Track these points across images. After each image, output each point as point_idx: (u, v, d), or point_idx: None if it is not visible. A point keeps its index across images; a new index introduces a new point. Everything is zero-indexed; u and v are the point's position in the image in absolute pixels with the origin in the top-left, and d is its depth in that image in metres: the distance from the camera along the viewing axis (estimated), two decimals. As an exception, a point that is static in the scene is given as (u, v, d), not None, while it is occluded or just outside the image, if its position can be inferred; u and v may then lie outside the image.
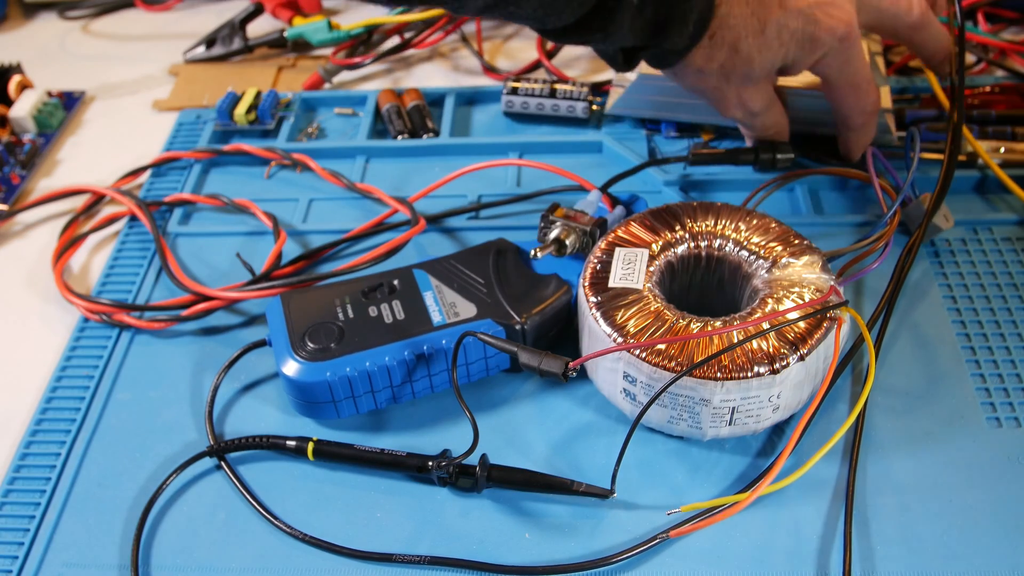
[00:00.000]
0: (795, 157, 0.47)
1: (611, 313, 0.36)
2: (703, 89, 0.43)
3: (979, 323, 0.41)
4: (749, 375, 0.33)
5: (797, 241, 0.38)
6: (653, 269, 0.38)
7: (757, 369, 0.33)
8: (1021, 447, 0.36)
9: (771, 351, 0.33)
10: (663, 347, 0.34)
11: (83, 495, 0.37)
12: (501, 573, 0.33)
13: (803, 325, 0.34)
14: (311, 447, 0.37)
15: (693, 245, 0.39)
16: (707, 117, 0.51)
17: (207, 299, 0.43)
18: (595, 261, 0.38)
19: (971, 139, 0.46)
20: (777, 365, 0.33)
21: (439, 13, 0.59)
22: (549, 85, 0.54)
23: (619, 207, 0.45)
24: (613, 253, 0.38)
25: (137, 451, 0.39)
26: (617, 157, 0.51)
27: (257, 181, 0.53)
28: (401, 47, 0.61)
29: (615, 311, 0.36)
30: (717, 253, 0.39)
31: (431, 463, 0.36)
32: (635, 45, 0.40)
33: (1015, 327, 0.41)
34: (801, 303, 0.35)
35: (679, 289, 0.40)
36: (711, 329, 0.34)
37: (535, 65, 0.59)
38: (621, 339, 0.35)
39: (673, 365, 0.33)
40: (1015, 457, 0.36)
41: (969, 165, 0.47)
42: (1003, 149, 0.47)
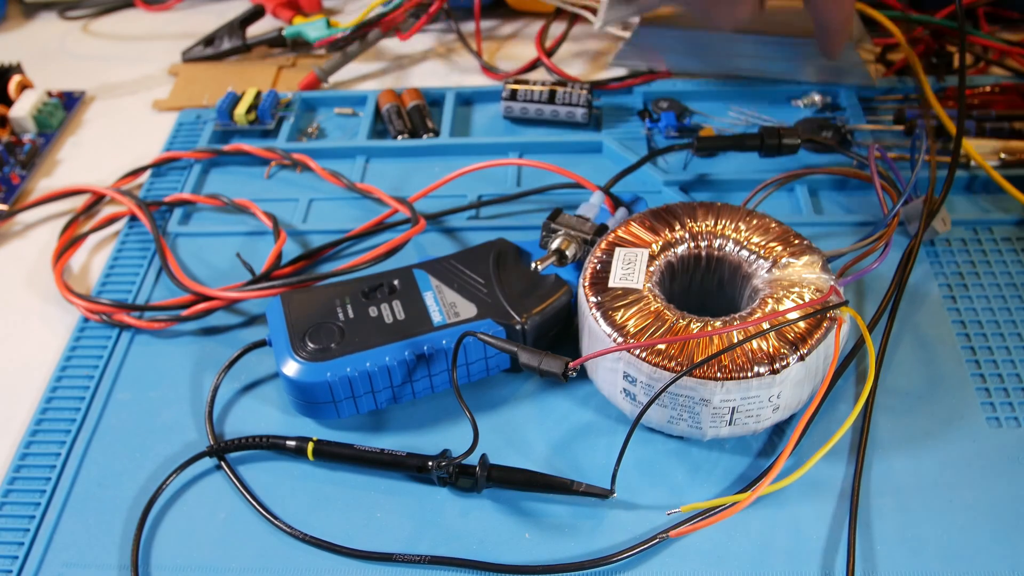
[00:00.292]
0: (800, 143, 0.47)
1: (611, 313, 0.36)
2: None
3: (979, 323, 0.41)
4: (749, 375, 0.33)
5: (797, 241, 0.38)
6: (653, 269, 0.38)
7: (757, 369, 0.33)
8: (1021, 447, 0.36)
9: (771, 351, 0.33)
10: (663, 347, 0.34)
11: (83, 495, 0.37)
12: (501, 573, 0.33)
13: (803, 325, 0.34)
14: (311, 447, 0.37)
15: (693, 245, 0.39)
16: (704, 66, 0.53)
17: (207, 299, 0.43)
18: (595, 261, 0.38)
19: (970, 150, 0.46)
20: (777, 365, 0.33)
21: None
22: (548, 89, 0.53)
23: (621, 209, 0.45)
24: (613, 253, 0.38)
25: (137, 451, 0.39)
26: (617, 157, 0.51)
27: (257, 181, 0.53)
28: (382, 15, 0.60)
29: (615, 311, 0.36)
30: (717, 253, 0.39)
31: (431, 463, 0.36)
32: None
33: (1015, 327, 0.41)
34: (801, 303, 0.35)
35: (679, 289, 0.40)
36: (711, 329, 0.34)
37: (534, 64, 0.59)
38: (621, 339, 0.35)
39: (673, 365, 0.33)
40: (1015, 457, 0.36)
41: (969, 165, 0.47)
42: (1003, 154, 0.47)
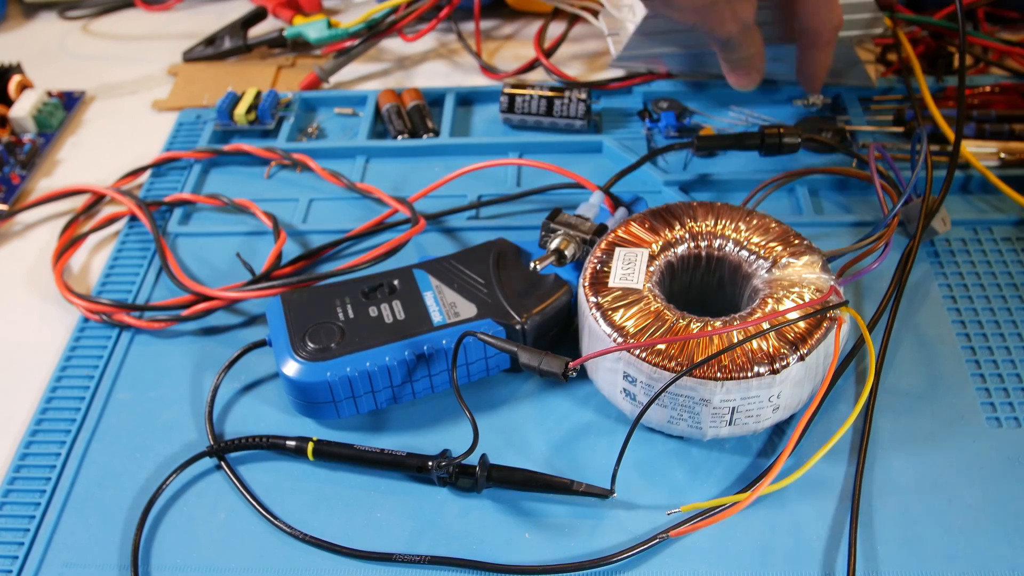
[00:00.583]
0: (800, 142, 0.47)
1: (611, 313, 0.36)
2: (697, 7, 0.43)
3: (979, 323, 0.41)
4: (749, 375, 0.33)
5: (797, 241, 0.38)
6: (653, 269, 0.38)
7: (757, 369, 0.33)
8: (1021, 447, 0.36)
9: (771, 351, 0.33)
10: (663, 347, 0.34)
11: (83, 495, 0.37)
12: (501, 573, 0.33)
13: (803, 325, 0.34)
14: (311, 447, 0.37)
15: (693, 245, 0.39)
16: (703, 67, 0.53)
17: (207, 299, 0.43)
18: (595, 261, 0.38)
19: (968, 155, 0.46)
20: (777, 365, 0.33)
21: None
22: (546, 99, 0.53)
23: (621, 209, 0.45)
24: (613, 253, 0.38)
25: (137, 451, 0.39)
26: (617, 157, 0.51)
27: (257, 181, 0.53)
28: (391, 20, 0.60)
29: (615, 311, 0.36)
30: (717, 253, 0.39)
31: (431, 463, 0.36)
32: None
33: (1015, 327, 0.41)
34: (801, 303, 0.35)
35: (679, 289, 0.40)
36: (711, 329, 0.34)
37: (533, 64, 0.59)
38: (621, 339, 0.35)
39: (673, 365, 0.33)
40: (1015, 457, 0.36)
41: (969, 165, 0.47)
42: (1003, 154, 0.47)
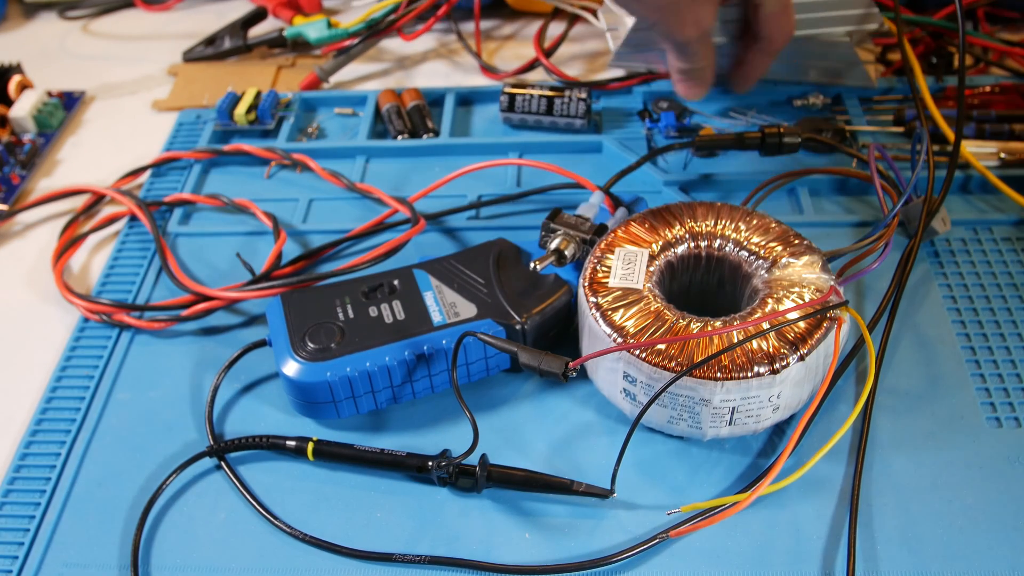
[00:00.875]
0: (801, 141, 0.47)
1: (611, 313, 0.36)
2: (659, 5, 0.44)
3: (979, 323, 0.41)
4: (749, 375, 0.33)
5: (797, 241, 0.38)
6: (653, 269, 0.38)
7: (757, 369, 0.33)
8: (1021, 447, 0.36)
9: (771, 351, 0.33)
10: (663, 347, 0.34)
11: (83, 495, 0.37)
12: (501, 573, 0.33)
13: (803, 325, 0.34)
14: (311, 447, 0.37)
15: (693, 245, 0.39)
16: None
17: (207, 299, 0.43)
18: (595, 261, 0.38)
19: (968, 156, 0.46)
20: (777, 365, 0.33)
21: None
22: (546, 98, 0.53)
23: (621, 209, 0.45)
24: (613, 253, 0.38)
25: (137, 451, 0.39)
26: (617, 157, 0.51)
27: (257, 181, 0.53)
28: (391, 19, 0.60)
29: (615, 311, 0.36)
30: (717, 253, 0.39)
31: (431, 463, 0.36)
32: None
33: (1015, 327, 0.41)
34: (801, 303, 0.35)
35: (679, 289, 0.40)
36: (711, 329, 0.34)
37: (533, 64, 0.59)
38: (621, 339, 0.35)
39: (673, 365, 0.33)
40: (1015, 457, 0.36)
41: (969, 165, 0.47)
42: (1003, 154, 0.47)
